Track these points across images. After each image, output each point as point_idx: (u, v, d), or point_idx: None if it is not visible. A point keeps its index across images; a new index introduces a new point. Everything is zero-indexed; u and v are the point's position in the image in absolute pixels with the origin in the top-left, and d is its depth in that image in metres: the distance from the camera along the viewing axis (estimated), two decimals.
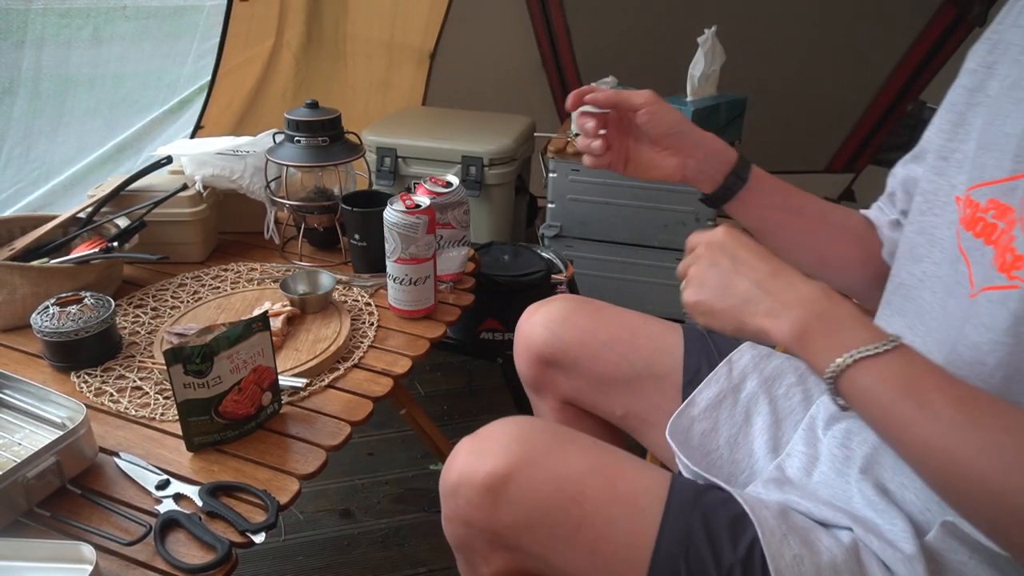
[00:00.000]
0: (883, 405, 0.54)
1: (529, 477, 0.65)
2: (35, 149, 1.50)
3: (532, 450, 0.67)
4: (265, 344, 0.86)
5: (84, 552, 0.66)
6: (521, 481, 0.65)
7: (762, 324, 0.60)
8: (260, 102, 2.03)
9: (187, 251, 1.28)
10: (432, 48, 2.40)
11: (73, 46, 1.53)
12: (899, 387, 0.53)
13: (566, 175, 1.74)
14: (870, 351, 0.54)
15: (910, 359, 0.55)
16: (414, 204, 1.08)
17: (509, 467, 0.65)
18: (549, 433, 0.69)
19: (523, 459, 0.66)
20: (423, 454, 1.62)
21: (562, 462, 0.66)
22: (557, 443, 0.68)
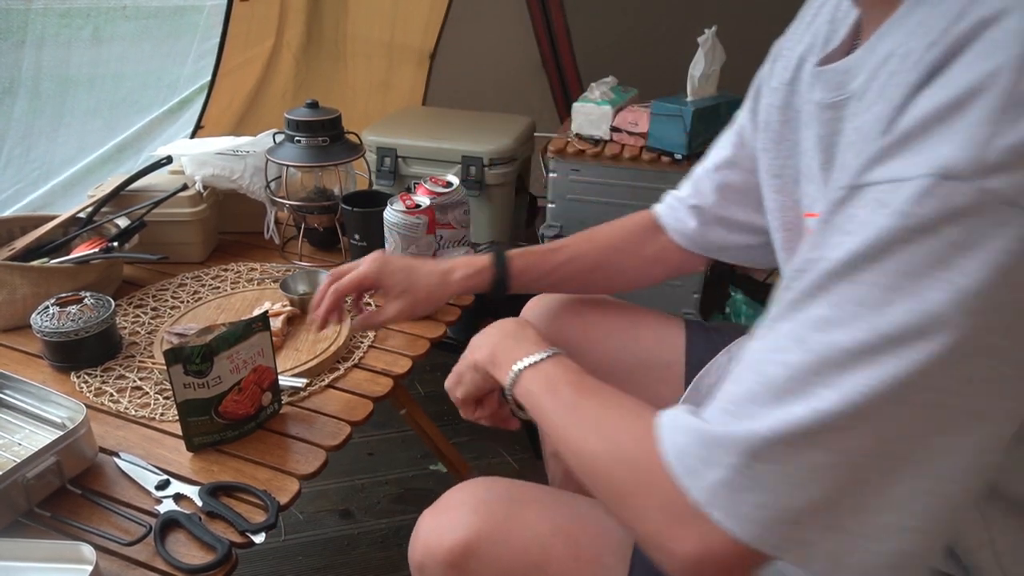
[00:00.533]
0: (536, 403, 0.65)
1: (490, 549, 0.64)
2: (35, 149, 1.50)
3: (490, 519, 0.65)
4: (265, 344, 0.86)
5: (84, 552, 0.66)
6: (482, 554, 0.64)
7: (473, 359, 0.74)
8: (260, 102, 2.03)
9: (187, 251, 1.28)
10: (432, 48, 2.40)
11: (73, 46, 1.53)
12: (545, 387, 0.65)
13: (566, 175, 1.74)
14: (531, 360, 0.67)
15: (560, 364, 0.66)
16: (414, 204, 1.08)
17: (469, 541, 0.64)
18: (509, 497, 0.67)
19: (483, 530, 0.64)
20: (423, 454, 1.62)
21: (523, 528, 0.65)
22: (517, 507, 0.66)
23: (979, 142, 0.38)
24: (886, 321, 0.40)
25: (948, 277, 0.38)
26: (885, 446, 0.41)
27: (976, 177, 0.37)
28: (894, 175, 0.40)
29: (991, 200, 0.37)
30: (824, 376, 0.42)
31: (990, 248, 0.37)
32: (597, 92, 1.75)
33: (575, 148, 1.70)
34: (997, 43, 0.39)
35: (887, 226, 0.40)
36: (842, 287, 0.42)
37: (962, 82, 0.40)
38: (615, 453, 0.54)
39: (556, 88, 2.54)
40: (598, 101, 1.71)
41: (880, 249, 0.40)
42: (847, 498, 0.42)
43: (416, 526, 0.69)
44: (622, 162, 1.65)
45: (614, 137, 1.70)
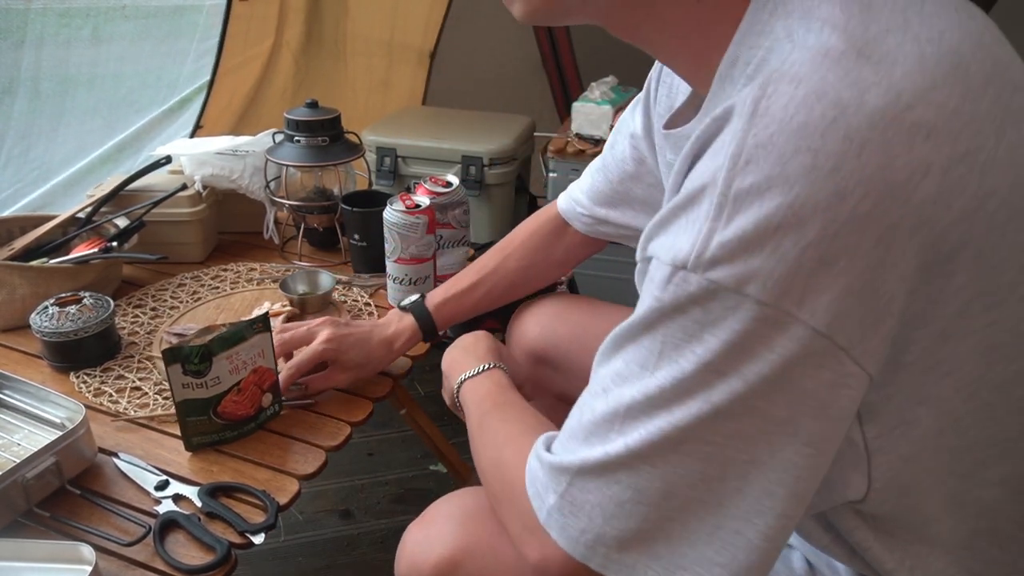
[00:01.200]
0: (466, 413, 0.72)
1: (477, 562, 0.64)
2: (35, 149, 1.50)
3: (477, 533, 0.65)
4: (266, 345, 0.86)
5: (83, 553, 0.66)
6: (469, 568, 0.64)
7: (443, 365, 0.81)
8: (260, 102, 2.03)
9: (186, 251, 1.28)
10: (432, 48, 2.40)
11: (73, 46, 1.53)
12: (472, 399, 0.72)
13: (566, 175, 1.74)
14: (470, 373, 0.74)
15: (490, 378, 0.73)
16: (414, 204, 1.08)
17: (455, 555, 0.64)
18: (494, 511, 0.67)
19: (469, 544, 0.64)
20: (423, 454, 1.62)
21: (510, 542, 0.63)
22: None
23: (703, 237, 0.41)
24: (655, 383, 0.45)
25: (693, 349, 0.43)
26: (672, 487, 0.46)
27: (701, 269, 0.41)
28: (656, 253, 0.45)
29: (717, 288, 0.41)
30: (615, 424, 0.47)
31: (724, 327, 0.42)
32: (597, 92, 1.75)
33: (575, 148, 1.70)
34: (724, 142, 0.42)
35: (650, 305, 0.45)
36: (631, 347, 0.47)
37: (697, 177, 0.43)
38: (498, 465, 0.61)
39: (556, 88, 2.54)
40: (598, 101, 1.71)
41: (652, 319, 0.45)
42: (655, 530, 0.47)
43: (402, 539, 0.69)
44: None
45: None
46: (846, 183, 0.39)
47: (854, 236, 0.39)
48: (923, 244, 0.41)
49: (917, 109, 0.40)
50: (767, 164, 0.40)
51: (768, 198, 0.40)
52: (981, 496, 0.52)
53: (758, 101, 0.41)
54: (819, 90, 0.39)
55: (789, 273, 0.40)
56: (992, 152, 0.42)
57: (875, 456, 0.49)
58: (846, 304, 0.40)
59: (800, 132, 0.39)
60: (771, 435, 0.43)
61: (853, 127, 0.39)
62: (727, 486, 0.45)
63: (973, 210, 0.41)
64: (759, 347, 0.41)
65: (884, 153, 0.39)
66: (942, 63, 0.41)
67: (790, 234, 0.39)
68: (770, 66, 0.42)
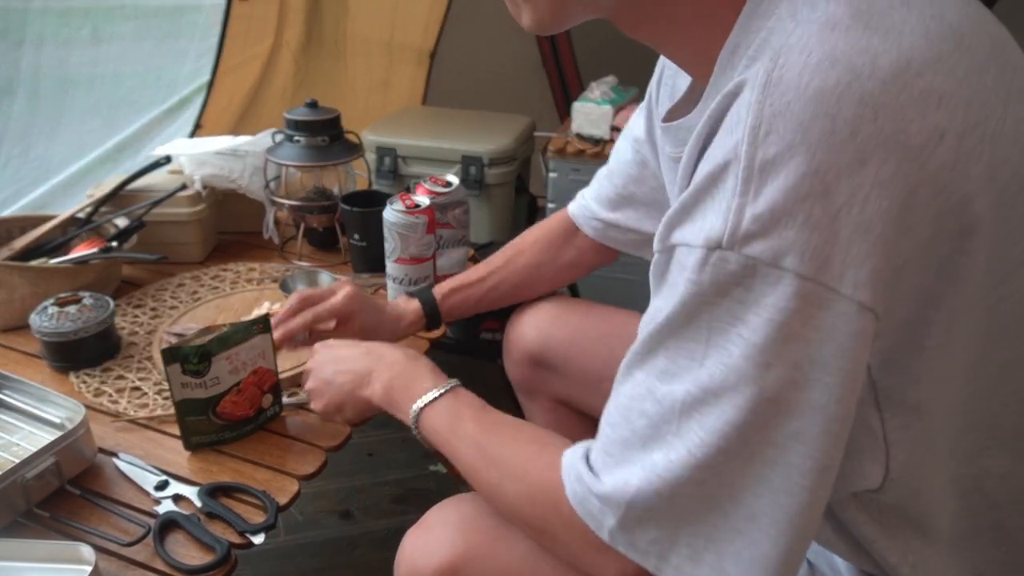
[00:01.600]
0: (442, 443, 0.66)
1: (476, 569, 0.63)
2: (34, 149, 1.49)
3: (477, 538, 0.64)
4: (266, 346, 0.86)
5: (83, 553, 0.66)
6: (469, 574, 0.63)
7: (364, 397, 0.74)
8: (259, 102, 2.02)
9: (186, 251, 1.28)
10: (432, 48, 2.40)
11: (72, 45, 1.53)
12: (448, 426, 0.66)
13: (566, 175, 1.74)
14: (430, 397, 0.68)
15: (458, 399, 0.68)
16: (414, 204, 1.08)
17: (455, 561, 0.63)
18: (493, 515, 0.65)
19: (468, 550, 0.63)
20: (423, 454, 1.62)
21: (509, 546, 0.63)
22: (503, 525, 0.64)
23: (735, 213, 0.41)
24: (706, 374, 0.44)
25: (740, 332, 0.42)
26: (740, 495, 0.45)
27: (737, 246, 0.41)
28: (685, 239, 0.44)
29: (756, 263, 0.41)
30: (672, 423, 0.46)
31: (766, 305, 0.41)
32: (597, 92, 1.75)
33: (575, 148, 1.70)
34: (739, 116, 0.42)
35: (688, 291, 0.44)
36: (673, 342, 0.46)
37: (717, 155, 0.43)
38: (529, 495, 0.58)
39: (556, 88, 2.54)
40: (598, 101, 1.71)
41: (692, 307, 0.44)
42: (726, 544, 0.46)
43: (401, 544, 0.68)
44: None
45: (614, 137, 1.70)
46: (864, 147, 0.39)
47: (883, 201, 0.39)
48: (940, 212, 0.41)
49: (927, 76, 0.40)
50: (788, 132, 0.40)
51: (793, 165, 0.39)
52: (983, 488, 0.52)
53: (770, 72, 0.41)
54: (831, 56, 0.40)
55: (825, 242, 0.39)
56: (1000, 124, 0.42)
57: (893, 446, 0.48)
58: (882, 273, 0.40)
59: (816, 98, 0.39)
60: (836, 436, 0.43)
61: (867, 91, 0.39)
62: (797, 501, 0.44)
63: (989, 179, 0.41)
64: (804, 328, 0.41)
65: (899, 118, 0.39)
66: (946, 38, 0.42)
67: (819, 202, 0.39)
68: (773, 44, 0.42)
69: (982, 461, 0.51)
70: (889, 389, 0.46)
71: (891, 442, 0.48)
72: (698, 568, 0.47)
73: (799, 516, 0.44)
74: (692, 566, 0.47)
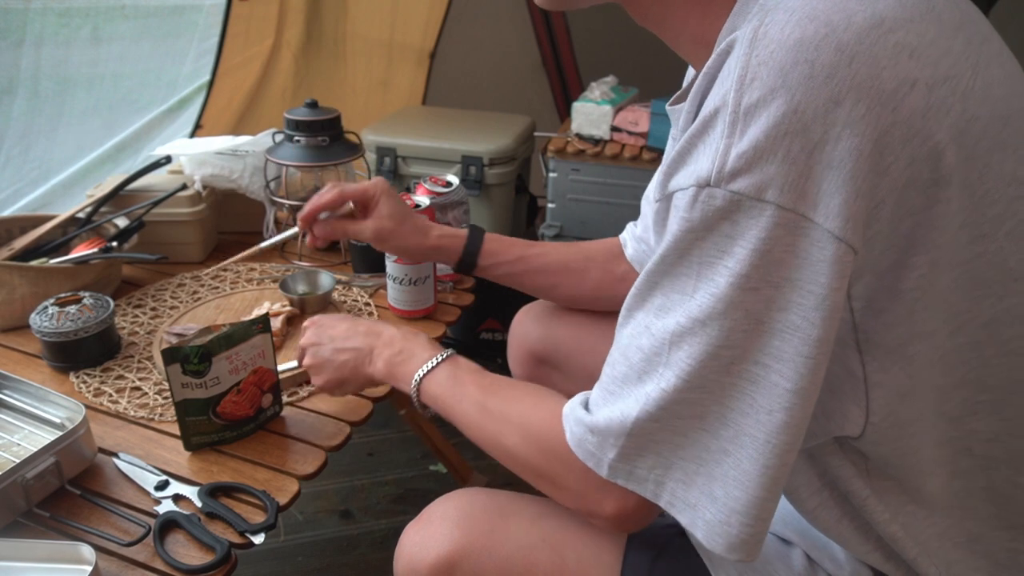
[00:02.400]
0: (444, 404, 0.70)
1: (474, 563, 0.64)
2: (34, 149, 1.49)
3: (474, 532, 0.65)
4: (266, 346, 0.86)
5: (83, 553, 0.66)
6: (466, 568, 0.64)
7: (367, 373, 0.78)
8: (259, 102, 2.02)
9: (186, 251, 1.28)
10: (432, 47, 2.40)
11: (72, 45, 1.53)
12: (449, 390, 0.70)
13: (566, 175, 1.74)
14: (429, 366, 0.72)
15: (455, 365, 0.73)
16: (414, 204, 1.08)
17: (452, 555, 0.64)
18: (492, 509, 0.67)
19: (466, 544, 0.64)
20: (423, 454, 1.62)
21: (507, 540, 0.65)
22: (501, 519, 0.66)
23: (721, 153, 0.44)
24: (695, 304, 0.47)
25: (725, 263, 0.46)
26: (728, 413, 0.48)
27: (724, 183, 0.44)
28: (679, 184, 0.48)
29: (741, 198, 0.44)
30: (663, 354, 0.49)
31: (750, 236, 0.44)
32: (597, 92, 1.74)
33: (575, 148, 1.70)
34: (729, 69, 0.46)
35: (680, 228, 0.47)
36: (667, 279, 0.49)
37: (710, 104, 0.46)
38: (531, 443, 0.61)
39: (556, 88, 2.54)
40: (598, 101, 1.71)
41: (683, 244, 0.47)
42: (714, 466, 0.50)
43: (400, 539, 0.69)
44: (622, 162, 1.64)
45: (614, 137, 1.70)
46: (839, 89, 0.42)
47: (855, 139, 0.42)
48: (914, 157, 0.44)
49: (899, 32, 0.44)
50: (770, 77, 0.43)
51: (775, 107, 0.43)
52: (972, 450, 0.54)
53: (757, 29, 0.45)
54: (811, 14, 0.44)
55: (801, 176, 0.43)
56: (970, 83, 0.45)
57: (873, 389, 0.51)
58: (855, 207, 0.43)
59: (797, 47, 0.43)
60: (809, 359, 0.45)
61: (844, 41, 0.43)
62: (775, 419, 0.47)
63: (960, 132, 0.44)
64: (785, 254, 0.44)
65: (872, 64, 0.43)
66: (919, 5, 0.46)
67: (797, 139, 0.43)
68: (764, 9, 0.46)
69: (971, 423, 0.53)
70: (870, 332, 0.49)
71: (871, 384, 0.50)
72: (690, 491, 0.51)
73: (777, 435, 0.47)
74: (685, 489, 0.51)
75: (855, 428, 0.52)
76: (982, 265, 0.47)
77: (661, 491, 0.52)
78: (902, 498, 0.55)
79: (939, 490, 0.55)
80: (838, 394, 0.51)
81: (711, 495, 0.50)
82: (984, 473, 0.54)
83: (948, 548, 0.56)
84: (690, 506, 0.51)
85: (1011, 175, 0.47)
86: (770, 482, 0.48)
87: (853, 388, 0.51)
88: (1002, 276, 0.48)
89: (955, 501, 0.55)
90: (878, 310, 0.48)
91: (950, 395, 0.52)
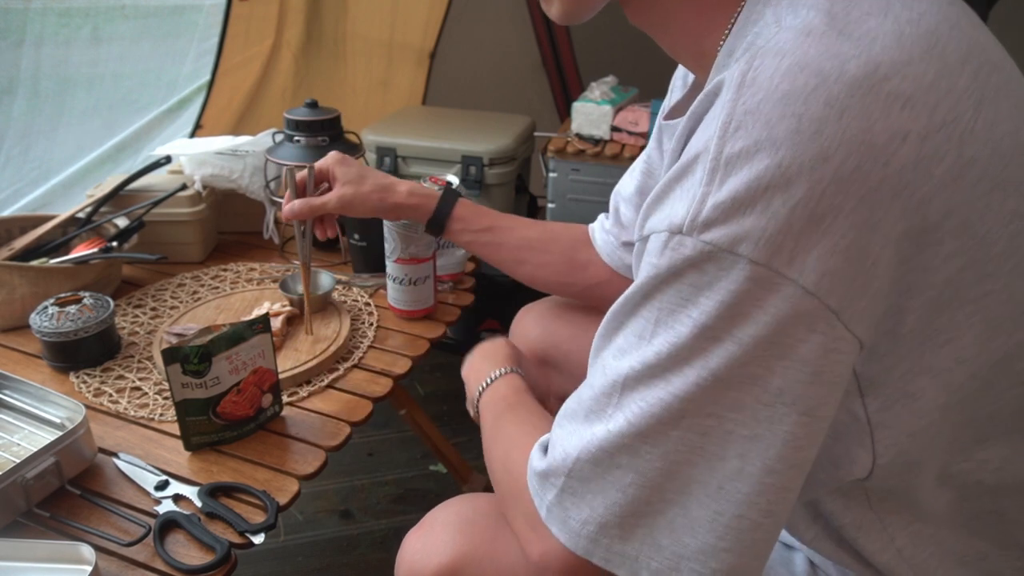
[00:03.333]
0: (483, 419, 0.72)
1: (476, 570, 0.64)
2: (34, 149, 1.49)
3: (476, 539, 0.64)
4: (266, 346, 0.86)
5: (83, 553, 0.66)
6: (469, 575, 0.64)
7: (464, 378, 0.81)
8: (259, 102, 2.02)
9: (186, 251, 1.28)
10: (432, 47, 2.40)
11: (72, 45, 1.53)
12: (490, 403, 0.72)
13: (566, 175, 1.74)
14: (488, 380, 0.75)
15: (507, 383, 0.74)
16: None
17: (455, 562, 0.63)
18: (493, 515, 0.66)
19: (468, 551, 0.64)
20: (423, 454, 1.62)
21: (510, 546, 0.63)
22: (503, 525, 0.64)
23: (698, 201, 0.43)
24: (652, 351, 0.46)
25: (689, 313, 0.44)
26: (673, 466, 0.46)
27: (696, 232, 0.43)
28: (653, 227, 0.47)
29: (713, 249, 0.43)
30: (613, 397, 0.48)
31: (718, 288, 0.43)
32: (597, 92, 1.74)
33: (575, 148, 1.70)
34: (715, 113, 0.44)
35: (647, 273, 0.46)
36: (631, 320, 0.48)
37: (693, 148, 0.45)
38: (505, 463, 0.62)
39: (556, 88, 2.54)
40: (598, 101, 1.71)
41: (648, 288, 0.46)
42: (657, 515, 0.47)
43: (401, 546, 0.68)
44: (622, 162, 1.64)
45: (614, 137, 1.70)
46: (828, 145, 0.41)
47: (839, 196, 0.41)
48: (906, 209, 0.42)
49: (893, 80, 0.42)
50: (755, 129, 0.42)
51: (757, 160, 0.42)
52: (981, 479, 0.53)
53: (745, 73, 0.43)
54: (801, 62, 0.42)
55: (779, 232, 0.41)
56: (970, 124, 0.44)
57: (878, 430, 0.49)
58: (833, 263, 0.42)
59: (785, 99, 0.42)
60: (769, 406, 0.44)
61: (834, 94, 0.41)
62: (728, 466, 0.45)
63: (954, 179, 0.43)
64: (752, 308, 0.43)
65: (863, 118, 0.41)
66: (920, 42, 0.44)
67: (779, 194, 0.41)
68: (755, 47, 0.45)
69: (981, 452, 0.52)
70: (870, 376, 0.47)
71: (875, 425, 0.49)
72: (628, 544, 0.49)
73: (729, 481, 0.45)
74: (622, 543, 0.49)
75: (863, 471, 0.51)
76: (992, 303, 0.46)
77: (595, 547, 0.50)
78: (907, 517, 0.54)
79: (947, 510, 0.54)
80: (843, 439, 0.50)
81: (655, 544, 0.48)
82: (991, 497, 0.54)
83: (952, 566, 0.56)
84: (629, 558, 0.49)
85: (1012, 212, 0.45)
86: (722, 529, 0.46)
87: (858, 432, 0.50)
88: (1012, 312, 0.47)
89: (961, 521, 0.55)
90: (879, 355, 0.46)
91: (962, 431, 0.51)
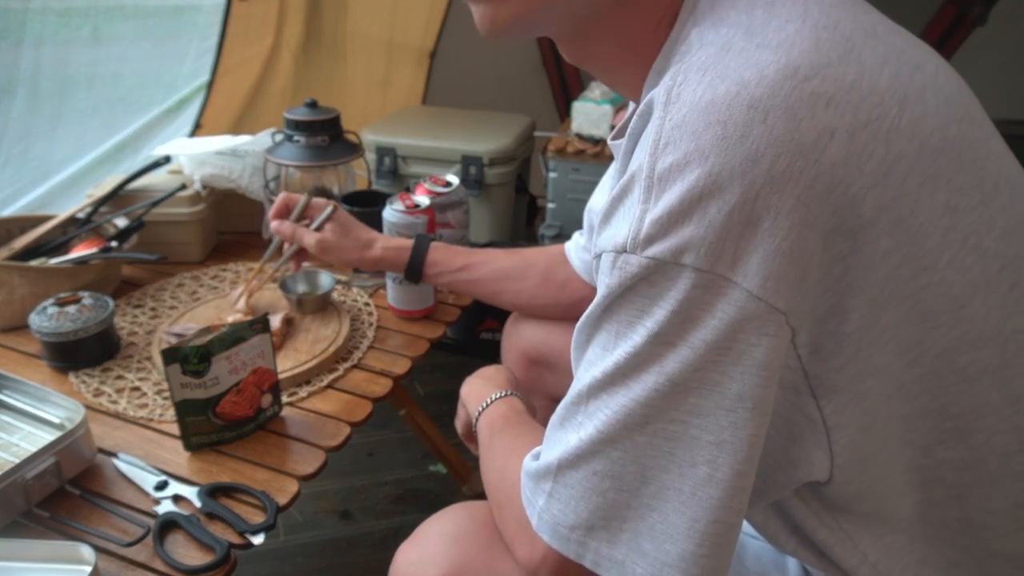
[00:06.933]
0: (481, 437, 0.73)
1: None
2: (34, 149, 1.49)
3: (471, 550, 0.64)
4: (265, 346, 0.86)
5: (83, 553, 0.66)
6: None
7: (462, 400, 0.82)
8: (259, 101, 2.02)
9: (186, 251, 1.28)
10: (432, 47, 2.40)
11: (72, 45, 1.53)
12: (488, 424, 0.73)
13: (566, 175, 1.74)
14: (487, 402, 0.76)
15: (505, 404, 0.75)
16: (413, 204, 1.08)
17: (451, 574, 0.62)
18: (489, 523, 0.65)
19: (465, 561, 0.63)
20: (423, 454, 1.62)
21: (506, 555, 0.62)
22: (499, 535, 0.64)
23: (637, 220, 0.44)
24: (612, 360, 0.47)
25: (644, 323, 0.45)
26: (647, 471, 0.48)
27: (639, 249, 0.44)
28: (602, 247, 0.48)
29: (657, 264, 0.44)
30: (581, 407, 0.50)
31: (669, 298, 0.44)
32: (597, 91, 1.75)
33: (575, 148, 1.70)
34: (648, 135, 0.45)
35: (602, 292, 0.47)
36: (597, 334, 0.49)
37: (630, 168, 0.46)
38: (502, 476, 0.63)
39: (556, 88, 2.54)
40: (598, 100, 1.71)
41: (606, 304, 0.47)
42: (639, 520, 0.49)
43: (394, 560, 0.67)
44: None
45: None
46: (757, 147, 0.41)
47: (774, 196, 0.42)
48: (839, 206, 0.43)
49: (814, 81, 0.43)
50: (683, 142, 0.43)
51: (688, 171, 0.42)
52: (944, 479, 0.53)
53: (670, 91, 0.44)
54: (722, 73, 0.43)
55: (719, 238, 0.42)
56: (895, 122, 0.44)
57: (834, 431, 0.50)
58: (777, 265, 0.42)
59: (708, 109, 0.42)
60: (731, 411, 0.45)
61: (756, 97, 0.42)
62: (698, 472, 0.46)
63: (884, 174, 0.44)
64: (702, 313, 0.44)
65: (789, 117, 0.42)
66: (836, 47, 0.45)
67: (713, 201, 0.42)
68: (680, 65, 0.46)
69: (940, 452, 0.52)
70: (821, 376, 0.48)
71: (831, 426, 0.50)
72: (615, 549, 0.50)
73: (702, 488, 0.46)
74: (609, 547, 0.50)
75: (822, 473, 0.52)
76: (928, 297, 0.47)
77: (584, 551, 0.51)
78: (880, 530, 0.54)
79: (915, 517, 0.54)
80: (800, 441, 0.51)
81: (639, 550, 0.49)
82: (957, 503, 0.54)
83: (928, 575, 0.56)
84: (617, 563, 0.50)
85: (943, 205, 0.46)
86: (700, 536, 0.47)
87: (813, 433, 0.50)
88: (949, 305, 0.48)
89: (931, 531, 0.55)
90: (826, 355, 0.47)
91: (915, 424, 0.51)
